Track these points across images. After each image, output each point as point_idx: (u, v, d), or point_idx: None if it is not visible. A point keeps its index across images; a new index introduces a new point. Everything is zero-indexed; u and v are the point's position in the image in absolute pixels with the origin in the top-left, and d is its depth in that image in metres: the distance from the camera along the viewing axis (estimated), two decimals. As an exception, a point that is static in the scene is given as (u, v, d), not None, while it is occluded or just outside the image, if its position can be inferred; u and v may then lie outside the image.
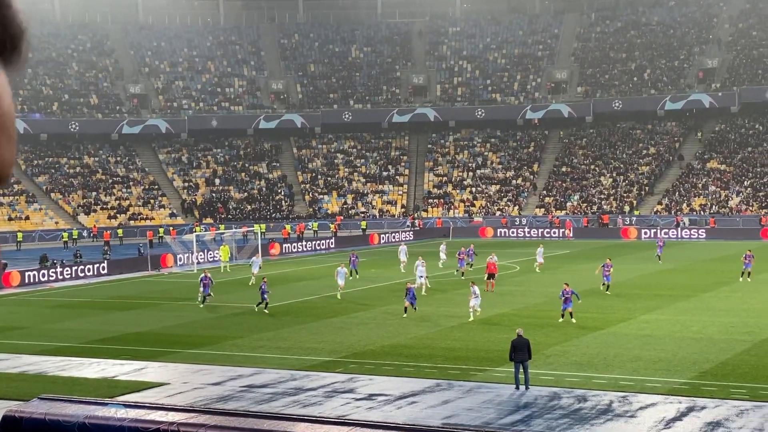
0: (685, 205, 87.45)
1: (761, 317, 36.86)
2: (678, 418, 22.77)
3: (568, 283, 37.38)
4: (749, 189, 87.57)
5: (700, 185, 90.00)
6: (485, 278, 46.02)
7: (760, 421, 22.26)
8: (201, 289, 43.66)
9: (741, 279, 48.12)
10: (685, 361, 28.98)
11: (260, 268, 52.82)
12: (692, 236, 78.95)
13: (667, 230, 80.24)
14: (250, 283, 50.73)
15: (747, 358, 29.39)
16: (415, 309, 38.35)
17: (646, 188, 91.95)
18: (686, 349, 30.92)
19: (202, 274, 44.59)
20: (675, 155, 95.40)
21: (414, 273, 47.46)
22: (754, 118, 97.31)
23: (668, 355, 29.91)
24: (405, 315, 38.10)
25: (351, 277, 51.21)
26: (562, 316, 36.00)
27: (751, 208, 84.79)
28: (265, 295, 40.51)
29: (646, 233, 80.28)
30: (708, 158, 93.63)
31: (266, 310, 40.53)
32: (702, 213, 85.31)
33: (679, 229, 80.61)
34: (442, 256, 57.68)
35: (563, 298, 36.04)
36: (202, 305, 43.17)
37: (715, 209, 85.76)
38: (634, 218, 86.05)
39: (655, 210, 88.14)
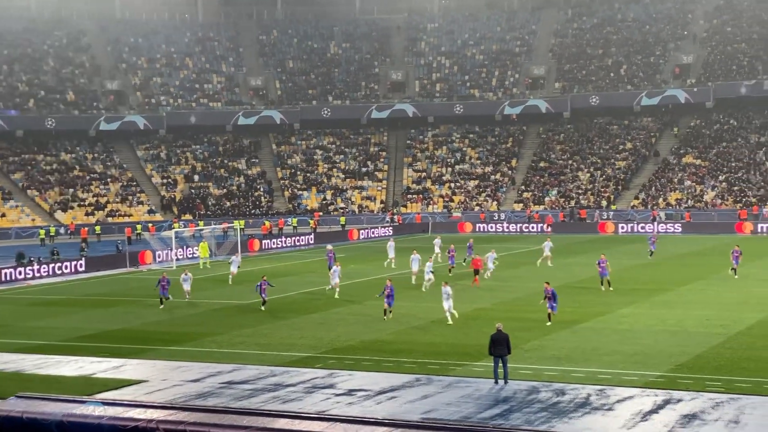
0: (661, 199, 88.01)
1: (737, 311, 37.21)
2: (654, 410, 22.99)
3: (549, 281, 36.88)
4: (724, 183, 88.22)
5: (675, 180, 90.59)
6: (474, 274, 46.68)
7: (736, 414, 22.50)
8: (159, 291, 42.36)
9: (731, 272, 47.85)
10: (661, 355, 29.23)
11: (239, 267, 52.26)
12: (668, 230, 79.47)
13: (643, 224, 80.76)
14: (230, 282, 50.59)
15: (722, 351, 29.67)
16: (390, 311, 37.14)
17: (623, 183, 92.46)
18: (663, 342, 31.18)
19: (160, 276, 43.58)
20: (651, 150, 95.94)
21: (410, 266, 48.09)
22: (729, 113, 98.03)
23: (645, 349, 30.16)
24: (386, 317, 37.03)
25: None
26: (549, 319, 34.50)
27: (726, 203, 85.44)
28: (264, 294, 40.39)
29: (623, 228, 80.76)
30: (683, 153, 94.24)
31: (263, 308, 40.37)
32: (678, 207, 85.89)
33: (656, 223, 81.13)
34: (437, 250, 57.41)
35: (546, 297, 34.63)
36: (161, 306, 42.11)
37: (691, 203, 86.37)
38: (611, 213, 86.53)
39: (631, 204, 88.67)
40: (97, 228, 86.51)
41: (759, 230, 76.82)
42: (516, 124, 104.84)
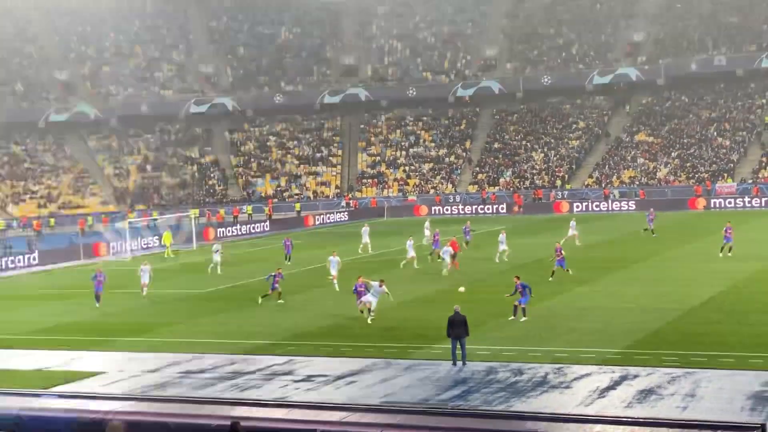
0: (615, 177, 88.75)
1: (691, 286, 37.65)
2: (612, 387, 23.21)
3: (519, 276, 34.41)
4: (677, 160, 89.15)
5: (629, 158, 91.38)
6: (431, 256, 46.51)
7: (692, 387, 22.77)
8: (95, 287, 39.89)
9: (721, 254, 45.36)
10: (618, 331, 29.51)
11: (222, 254, 49.81)
12: (622, 208, 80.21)
13: (598, 203, 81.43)
14: (209, 270, 49.18)
15: (678, 326, 30.02)
16: (372, 312, 33.40)
17: (577, 162, 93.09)
18: (619, 319, 31.48)
19: (95, 272, 40.70)
20: (603, 129, 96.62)
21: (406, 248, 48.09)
22: (680, 91, 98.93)
23: (602, 326, 30.44)
24: (370, 320, 33.09)
25: (288, 263, 50.79)
26: (515, 313, 32.12)
27: (679, 179, 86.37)
28: (276, 285, 37.66)
29: (578, 206, 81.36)
30: (636, 131, 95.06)
31: (280, 300, 37.83)
32: (632, 185, 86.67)
33: (609, 201, 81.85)
34: (426, 233, 56.62)
35: (517, 291, 32.44)
36: (97, 304, 39.63)
37: (644, 181, 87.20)
38: (566, 192, 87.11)
39: (585, 183, 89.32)
40: (51, 220, 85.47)
41: (712, 206, 77.81)
42: (469, 106, 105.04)
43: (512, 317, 31.96)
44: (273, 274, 38.70)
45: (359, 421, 17.62)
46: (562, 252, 41.13)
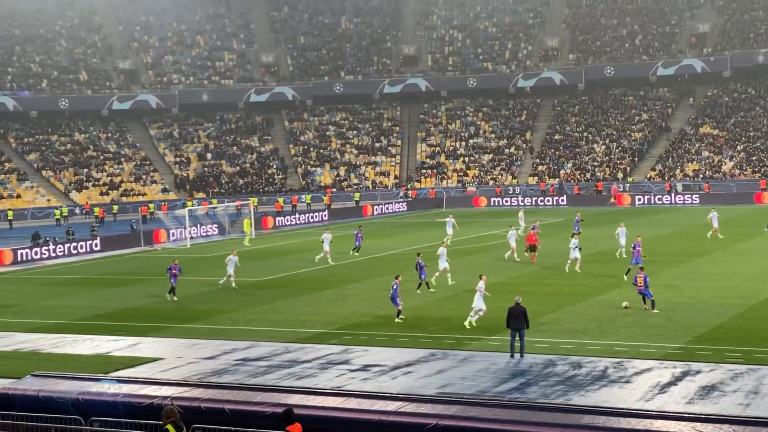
0: (678, 170, 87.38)
1: (755, 281, 36.88)
2: (673, 382, 22.77)
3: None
4: (742, 153, 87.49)
5: (693, 151, 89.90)
6: (525, 251, 45.17)
7: (755, 384, 22.26)
8: (170, 279, 38.54)
9: None
10: (679, 326, 28.98)
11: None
12: (686, 202, 78.95)
13: (660, 196, 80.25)
14: (317, 260, 47.68)
15: (741, 321, 29.39)
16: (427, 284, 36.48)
17: (639, 155, 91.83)
18: (681, 314, 30.91)
19: (171, 264, 39.28)
20: (665, 124, 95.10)
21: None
22: (746, 82, 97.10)
23: (662, 321, 29.91)
24: (427, 290, 36.16)
25: (353, 254, 50.21)
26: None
27: (744, 173, 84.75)
28: (398, 300, 31.67)
29: (639, 200, 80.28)
30: (701, 123, 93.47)
31: (401, 318, 31.82)
32: (695, 179, 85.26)
33: (673, 194, 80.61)
34: (522, 224, 54.66)
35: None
36: (174, 298, 38.28)
37: (709, 174, 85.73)
38: (628, 185, 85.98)
39: (648, 176, 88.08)
40: (115, 207, 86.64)
41: (777, 200, 76.25)
42: (530, 97, 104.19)
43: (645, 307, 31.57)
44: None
45: (415, 411, 17.50)
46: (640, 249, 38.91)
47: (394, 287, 31.33)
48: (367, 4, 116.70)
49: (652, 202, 79.72)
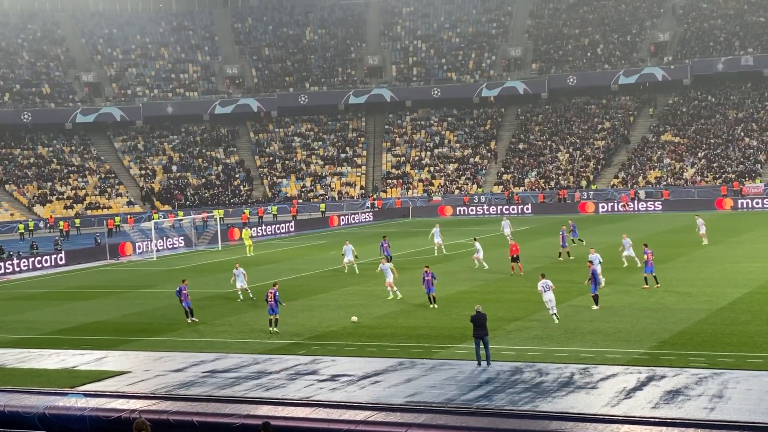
0: (641, 178, 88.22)
1: (718, 286, 37.33)
2: (638, 387, 23.02)
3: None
4: (703, 160, 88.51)
5: (655, 158, 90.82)
6: (510, 261, 43.95)
7: (719, 388, 22.55)
8: (183, 303, 35.39)
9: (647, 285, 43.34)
10: (644, 332, 29.29)
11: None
12: (648, 209, 79.73)
13: (623, 203, 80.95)
14: (345, 269, 47.50)
15: (705, 326, 29.74)
16: (433, 299, 35.52)
17: (602, 163, 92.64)
18: (645, 319, 31.24)
19: (178, 287, 35.76)
20: (623, 136, 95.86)
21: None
22: (706, 90, 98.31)
23: (627, 326, 30.21)
24: (433, 305, 35.47)
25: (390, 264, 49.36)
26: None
27: (705, 180, 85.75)
28: (276, 308, 32.35)
29: (603, 207, 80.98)
30: (662, 131, 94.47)
31: (274, 328, 32.44)
32: (658, 185, 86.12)
33: (635, 201, 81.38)
34: (437, 240, 53.62)
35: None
36: (195, 319, 35.41)
37: (671, 181, 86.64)
38: (591, 193, 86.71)
39: (611, 184, 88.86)
40: (77, 221, 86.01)
41: (739, 206, 77.20)
42: (494, 106, 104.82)
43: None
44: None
45: (384, 420, 17.60)
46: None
47: (272, 293, 32.24)
48: (331, 16, 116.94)
49: (616, 209, 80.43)
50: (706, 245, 50.93)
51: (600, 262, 37.62)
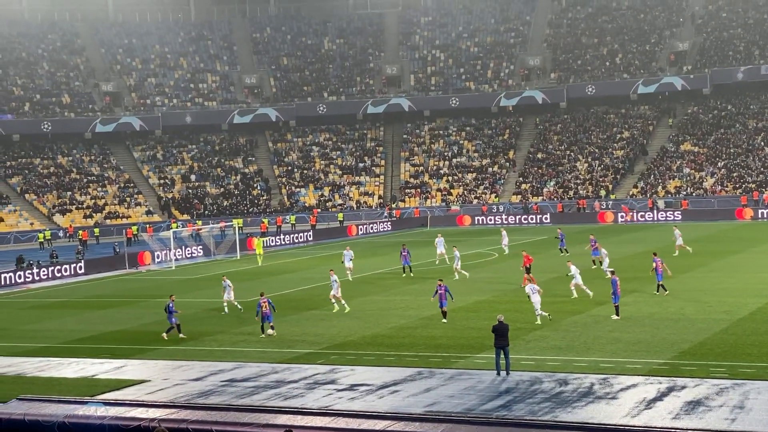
0: (660, 187, 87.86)
1: (738, 296, 37.10)
2: (659, 398, 22.88)
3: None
4: (723, 170, 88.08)
5: (674, 168, 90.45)
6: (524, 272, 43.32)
7: (740, 399, 22.39)
8: (168, 319, 34.75)
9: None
10: (664, 342, 29.12)
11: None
12: (668, 218, 79.38)
13: (642, 213, 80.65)
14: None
15: (725, 337, 29.55)
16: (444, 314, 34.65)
17: (622, 172, 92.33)
18: (665, 330, 31.06)
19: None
20: (648, 139, 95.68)
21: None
22: (726, 100, 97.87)
23: (647, 337, 30.05)
24: (444, 320, 34.40)
25: (405, 275, 48.80)
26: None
27: (725, 189, 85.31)
28: (271, 316, 33.89)
29: (622, 216, 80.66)
30: (681, 140, 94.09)
31: (270, 331, 33.81)
32: (677, 195, 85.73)
33: (655, 211, 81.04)
34: (441, 249, 53.30)
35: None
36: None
37: (690, 191, 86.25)
38: (611, 202, 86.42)
39: (630, 193, 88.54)
40: (96, 230, 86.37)
41: (759, 216, 76.73)
42: (512, 116, 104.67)
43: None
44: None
45: (403, 430, 17.54)
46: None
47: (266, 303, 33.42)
48: (349, 25, 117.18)
49: (635, 219, 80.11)
50: (675, 256, 50.07)
51: (579, 274, 38.53)
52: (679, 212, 79.89)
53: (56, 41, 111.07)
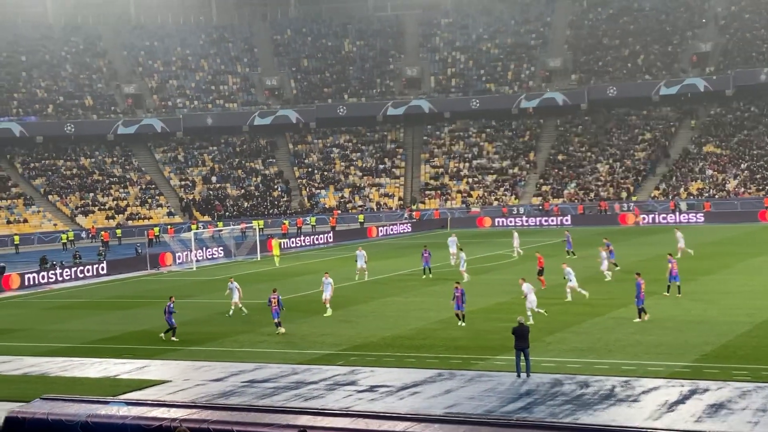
0: (682, 189, 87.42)
1: (761, 299, 36.86)
2: (681, 401, 22.78)
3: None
4: (746, 172, 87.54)
5: (696, 169, 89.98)
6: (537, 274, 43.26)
7: (763, 402, 22.26)
8: (166, 319, 34.66)
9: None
10: (686, 345, 28.98)
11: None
12: (690, 221, 78.95)
13: (665, 215, 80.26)
14: (356, 278, 48.83)
15: (748, 339, 29.39)
16: (463, 317, 34.16)
17: (643, 174, 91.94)
18: (687, 332, 30.91)
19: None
20: (670, 140, 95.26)
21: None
22: (749, 101, 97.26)
23: (669, 339, 29.91)
24: (461, 323, 34.02)
25: (425, 276, 48.94)
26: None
27: (748, 191, 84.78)
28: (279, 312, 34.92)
29: (644, 219, 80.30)
30: (704, 142, 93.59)
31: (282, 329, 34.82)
32: (700, 197, 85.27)
33: (677, 213, 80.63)
34: (453, 249, 53.86)
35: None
36: (174, 338, 34.45)
37: (713, 193, 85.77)
38: (632, 204, 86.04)
39: (652, 195, 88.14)
40: (118, 231, 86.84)
41: (782, 218, 76.22)
42: (533, 118, 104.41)
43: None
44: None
45: (423, 431, 17.53)
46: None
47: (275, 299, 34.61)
48: (369, 27, 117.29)
49: (657, 221, 79.74)
50: (678, 258, 49.81)
51: (574, 276, 38.74)
52: (702, 214, 79.44)
53: (79, 44, 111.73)
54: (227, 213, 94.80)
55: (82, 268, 59.17)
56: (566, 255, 53.02)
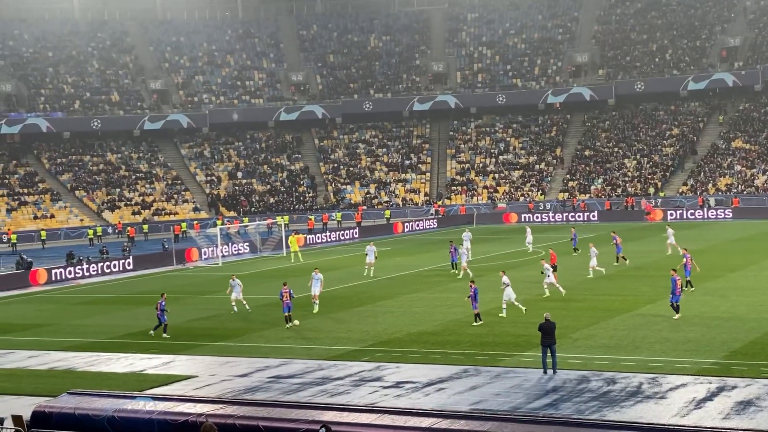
0: (710, 185, 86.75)
1: (791, 295, 36.51)
2: (709, 398, 22.58)
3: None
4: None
5: (725, 165, 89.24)
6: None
7: (793, 400, 22.03)
8: (158, 316, 34.95)
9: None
10: (714, 341, 28.74)
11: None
12: (719, 216, 78.34)
13: (692, 211, 79.65)
14: (365, 273, 49.37)
15: (777, 336, 29.11)
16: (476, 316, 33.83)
17: (671, 170, 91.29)
18: (715, 329, 30.66)
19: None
20: (698, 135, 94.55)
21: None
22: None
23: (697, 336, 29.68)
24: (475, 323, 33.68)
25: (453, 271, 48.81)
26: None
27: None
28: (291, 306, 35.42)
29: (671, 215, 79.75)
30: (733, 137, 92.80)
31: (293, 323, 35.81)
32: (728, 193, 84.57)
33: (705, 209, 80.00)
34: (467, 245, 53.76)
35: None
36: (166, 335, 34.66)
37: (742, 188, 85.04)
38: (659, 200, 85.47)
39: (680, 191, 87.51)
40: (145, 227, 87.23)
41: (811, 214, 75.48)
42: (560, 113, 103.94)
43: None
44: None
45: (449, 427, 17.46)
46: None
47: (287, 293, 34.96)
48: (395, 22, 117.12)
49: (685, 216, 79.19)
50: (669, 255, 49.85)
51: (552, 272, 39.63)
52: (730, 210, 78.80)
53: (106, 40, 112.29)
54: (253, 209, 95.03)
55: (108, 263, 59.49)
56: (573, 252, 53.12)
